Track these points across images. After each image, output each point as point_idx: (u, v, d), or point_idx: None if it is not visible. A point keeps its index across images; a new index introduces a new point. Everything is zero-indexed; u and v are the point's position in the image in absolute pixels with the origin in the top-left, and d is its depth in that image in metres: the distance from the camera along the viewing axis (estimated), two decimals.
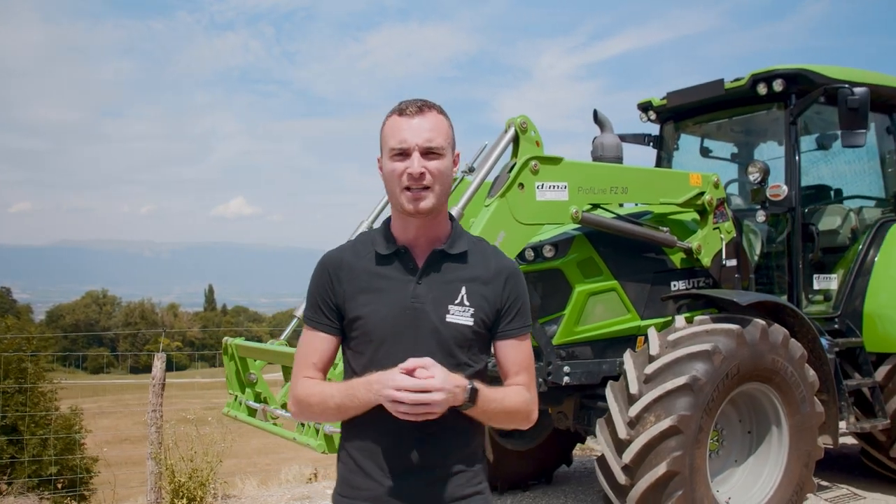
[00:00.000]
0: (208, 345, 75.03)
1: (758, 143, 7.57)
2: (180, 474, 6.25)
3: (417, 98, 2.20)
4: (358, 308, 2.16)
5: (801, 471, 5.18)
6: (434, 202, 2.12)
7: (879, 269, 6.45)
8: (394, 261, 2.19)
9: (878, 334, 6.27)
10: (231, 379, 5.20)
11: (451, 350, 2.13)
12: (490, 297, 2.18)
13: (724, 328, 4.91)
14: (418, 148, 2.10)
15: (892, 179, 7.12)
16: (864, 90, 5.74)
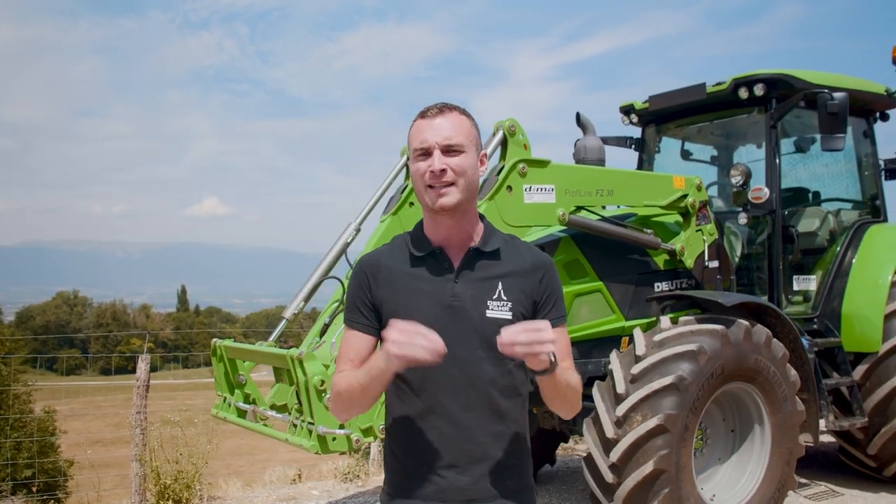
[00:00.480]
0: (181, 346, 74.48)
1: (737, 146, 7.69)
2: (166, 476, 6.24)
3: (440, 101, 2.27)
4: (397, 309, 2.20)
5: (782, 468, 5.28)
6: (459, 198, 2.16)
7: (857, 270, 6.58)
8: (429, 261, 2.24)
9: (856, 334, 6.39)
10: (220, 380, 5.20)
11: (493, 345, 2.12)
12: (527, 290, 2.23)
13: (709, 329, 5.00)
14: (438, 146, 2.16)
15: (869, 182, 7.27)
16: (844, 95, 5.86)
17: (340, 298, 5.45)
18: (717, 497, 5.15)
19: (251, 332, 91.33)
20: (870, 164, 7.26)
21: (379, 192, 5.79)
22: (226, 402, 5.16)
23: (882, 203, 7.24)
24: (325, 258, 5.60)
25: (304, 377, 4.16)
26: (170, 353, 60.86)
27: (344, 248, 5.61)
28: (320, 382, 4.12)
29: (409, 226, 5.44)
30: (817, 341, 6.24)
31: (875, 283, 6.43)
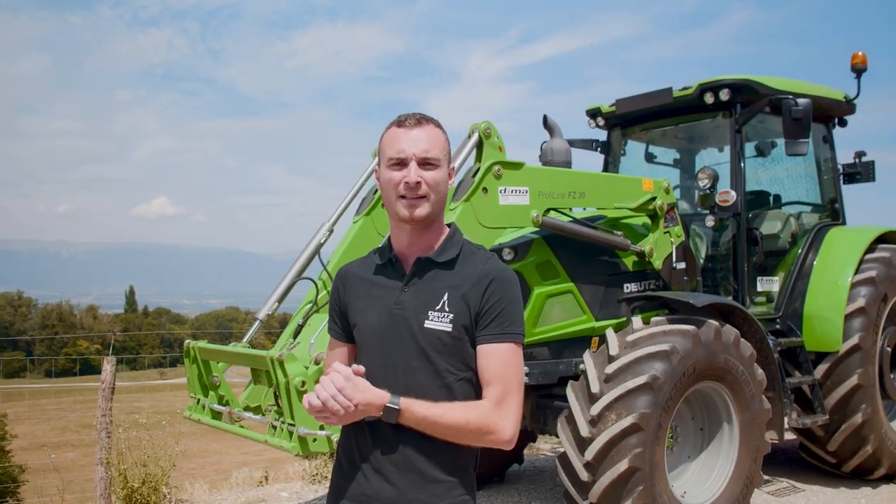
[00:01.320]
0: (129, 347, 73.27)
1: (699, 149, 7.85)
2: (133, 479, 6.15)
3: (416, 112, 2.28)
4: (355, 315, 2.30)
5: (750, 465, 5.39)
6: (429, 210, 2.18)
7: (818, 272, 6.74)
8: (387, 269, 2.29)
9: (817, 334, 6.55)
10: (193, 382, 5.14)
11: (428, 356, 2.15)
12: (471, 301, 2.16)
13: (681, 329, 5.09)
14: (415, 158, 2.17)
15: (828, 186, 7.46)
16: (807, 101, 6.01)
17: (314, 299, 5.44)
18: (688, 494, 5.24)
19: (201, 332, 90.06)
20: (829, 169, 7.46)
21: (352, 192, 5.79)
22: (199, 404, 5.11)
23: (841, 206, 7.44)
24: (298, 259, 5.59)
25: (284, 378, 4.14)
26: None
27: (317, 249, 5.60)
28: (301, 383, 4.10)
29: (381, 226, 5.67)
30: (780, 341, 6.39)
31: (835, 285, 6.60)
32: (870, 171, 7.44)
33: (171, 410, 8.43)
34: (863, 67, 6.94)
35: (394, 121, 2.26)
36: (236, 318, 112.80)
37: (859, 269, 6.65)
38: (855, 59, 6.95)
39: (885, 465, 6.57)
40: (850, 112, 7.41)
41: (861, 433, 6.37)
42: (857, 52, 6.93)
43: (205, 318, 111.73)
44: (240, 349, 4.98)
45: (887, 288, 6.70)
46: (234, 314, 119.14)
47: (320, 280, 5.52)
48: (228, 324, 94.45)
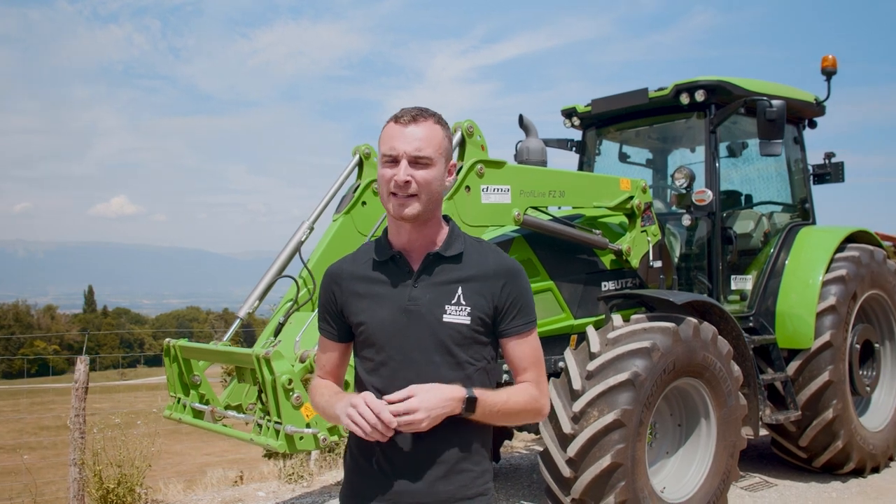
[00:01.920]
0: (88, 348, 72.15)
1: (672, 149, 7.94)
2: (108, 480, 6.08)
3: (417, 106, 2.24)
4: (358, 314, 2.26)
5: (727, 460, 5.47)
6: (419, 210, 2.17)
7: (790, 270, 6.86)
8: (390, 266, 2.26)
9: (789, 331, 6.66)
10: (173, 381, 5.09)
11: (449, 349, 2.18)
12: (487, 295, 2.21)
13: (661, 326, 5.15)
14: (406, 156, 2.15)
15: (799, 186, 7.60)
16: (782, 103, 6.11)
17: (294, 297, 5.43)
18: (667, 489, 5.31)
19: (161, 332, 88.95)
20: (800, 170, 7.59)
21: (332, 190, 5.79)
22: (180, 403, 5.06)
23: (811, 206, 7.58)
24: (278, 257, 5.56)
25: (271, 376, 4.13)
26: (78, 356, 58.91)
27: (297, 247, 5.58)
28: (288, 381, 4.09)
29: (361, 225, 5.69)
30: (753, 338, 6.48)
31: (807, 283, 6.72)
32: (839, 172, 7.59)
33: (133, 411, 8.36)
34: (833, 70, 7.06)
35: (392, 116, 2.23)
36: (197, 317, 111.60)
37: (830, 268, 6.77)
38: (825, 62, 7.08)
39: (855, 460, 6.70)
40: (820, 114, 7.56)
41: (832, 428, 6.50)
42: (827, 56, 7.06)
43: (165, 318, 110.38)
44: (224, 347, 4.95)
45: (857, 286, 6.84)
46: (194, 314, 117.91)
47: (301, 278, 5.50)
48: (189, 324, 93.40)
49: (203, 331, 56.77)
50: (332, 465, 7.78)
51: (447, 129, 2.25)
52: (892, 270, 7.41)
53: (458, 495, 2.19)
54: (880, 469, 7.09)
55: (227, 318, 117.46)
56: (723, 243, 6.68)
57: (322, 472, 7.39)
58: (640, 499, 4.87)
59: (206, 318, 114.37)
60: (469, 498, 2.20)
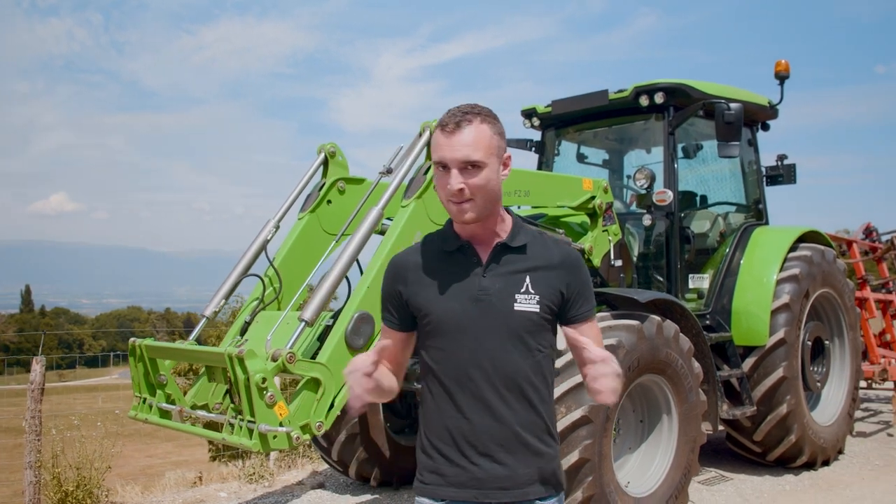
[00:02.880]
0: (24, 349, 70.24)
1: (628, 150, 8.08)
2: (67, 483, 5.97)
3: (462, 107, 2.23)
4: (427, 304, 2.29)
5: (688, 455, 5.60)
6: (477, 213, 2.21)
7: (745, 269, 7.02)
8: (458, 256, 2.31)
9: (745, 329, 6.82)
10: (139, 381, 5.03)
11: (521, 337, 2.24)
12: (555, 284, 2.29)
13: (626, 324, 5.25)
14: (456, 164, 2.17)
15: (753, 187, 7.79)
16: (739, 106, 6.27)
17: (260, 296, 5.40)
18: (631, 483, 5.40)
19: (101, 333, 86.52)
20: (753, 171, 7.78)
21: (297, 189, 5.78)
22: (146, 404, 5.00)
23: (764, 207, 7.78)
24: (244, 255, 5.54)
25: (244, 375, 4.11)
26: (13, 357, 57.50)
27: (263, 246, 5.57)
28: (262, 380, 4.07)
29: (326, 223, 5.69)
30: (710, 336, 6.63)
31: (761, 282, 6.89)
32: (791, 174, 7.79)
33: (72, 413, 8.20)
34: (786, 75, 7.25)
35: (439, 122, 2.23)
36: (138, 317, 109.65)
37: (783, 268, 6.95)
38: (778, 67, 7.26)
39: (807, 454, 6.90)
40: (774, 117, 7.75)
41: (786, 423, 6.67)
42: (781, 60, 7.24)
43: (105, 318, 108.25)
44: (194, 347, 4.91)
45: (809, 285, 7.04)
46: (136, 314, 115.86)
47: (266, 277, 5.48)
48: (130, 324, 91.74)
49: (144, 330, 55.76)
50: (292, 465, 7.74)
51: (495, 124, 2.25)
52: (841, 270, 7.65)
53: (535, 477, 2.25)
54: (830, 462, 7.31)
55: (169, 317, 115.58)
56: (681, 243, 6.82)
57: (282, 472, 7.35)
58: (606, 493, 4.96)
59: (148, 318, 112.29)
60: (545, 480, 2.27)
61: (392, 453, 6.51)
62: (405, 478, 6.72)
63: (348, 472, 6.51)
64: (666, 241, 6.84)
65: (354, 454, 6.40)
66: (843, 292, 7.64)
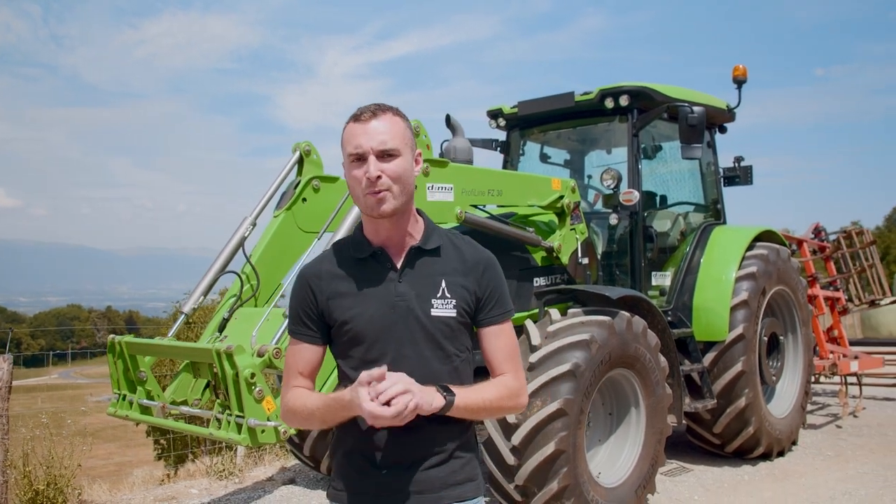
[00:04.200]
0: None
1: (589, 151, 8.28)
2: (38, 481, 5.93)
3: (373, 103, 2.26)
4: (343, 313, 2.24)
5: (655, 446, 5.79)
6: (395, 203, 2.18)
7: (705, 267, 7.26)
8: (371, 263, 2.27)
9: (705, 325, 7.05)
10: (118, 378, 5.04)
11: (439, 343, 2.23)
12: (469, 287, 2.26)
13: (598, 320, 5.42)
14: (373, 151, 2.15)
15: (711, 188, 8.04)
16: (702, 109, 6.50)
17: (238, 293, 5.44)
18: (602, 474, 5.58)
19: (39, 331, 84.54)
20: (711, 172, 8.04)
21: (273, 187, 5.83)
22: (126, 401, 5.01)
23: (722, 207, 8.04)
24: (221, 252, 5.58)
25: (232, 370, 4.16)
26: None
27: (241, 243, 5.61)
28: (251, 375, 4.14)
29: (301, 221, 5.78)
30: (673, 332, 6.84)
31: (721, 280, 7.13)
32: (748, 175, 8.06)
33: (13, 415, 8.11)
34: (743, 79, 7.49)
35: (351, 116, 2.24)
36: (79, 316, 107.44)
37: (741, 266, 7.20)
38: (736, 72, 7.49)
39: (764, 445, 7.16)
40: (731, 120, 8.01)
41: (744, 416, 6.92)
42: (738, 65, 7.48)
43: (44, 317, 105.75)
44: (176, 343, 4.94)
45: (765, 282, 7.31)
46: (76, 312, 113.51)
47: (244, 274, 5.52)
48: (70, 322, 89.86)
49: (85, 329, 54.53)
50: (259, 461, 7.77)
51: (407, 121, 2.28)
52: (795, 268, 7.95)
53: (450, 480, 2.24)
54: (785, 453, 7.60)
55: (111, 315, 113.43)
56: (644, 241, 7.03)
57: (250, 469, 7.38)
58: (580, 483, 5.12)
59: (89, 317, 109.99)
60: (459, 483, 2.26)
61: None
62: None
63: (320, 467, 6.58)
64: (630, 240, 7.04)
65: (326, 450, 6.47)
66: (797, 289, 7.94)
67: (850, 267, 10.83)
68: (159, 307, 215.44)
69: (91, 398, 31.54)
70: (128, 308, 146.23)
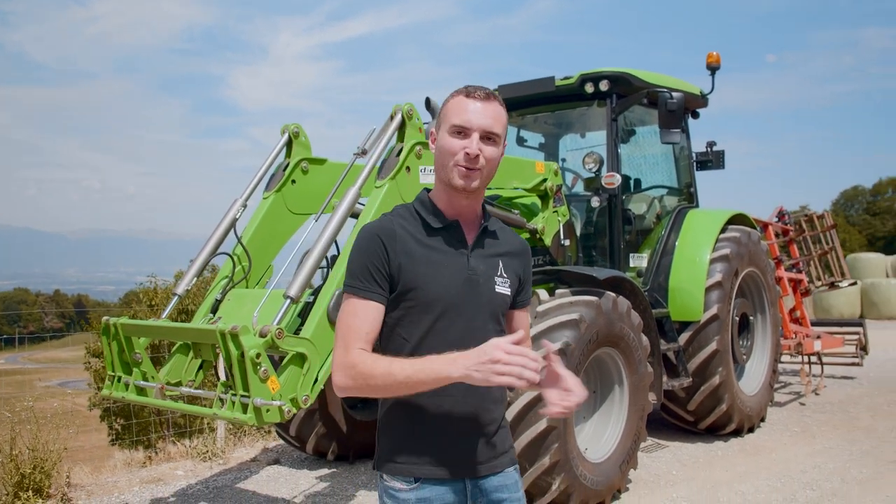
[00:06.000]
0: None
1: (563, 134, 8.42)
2: (24, 465, 5.90)
3: (480, 85, 2.31)
4: (416, 279, 2.23)
5: (637, 423, 5.97)
6: (480, 183, 2.24)
7: (680, 250, 7.45)
8: (444, 234, 2.29)
9: (680, 305, 7.25)
10: (113, 360, 5.04)
11: (498, 318, 2.33)
12: (518, 270, 2.40)
13: (586, 300, 5.56)
14: (480, 130, 2.20)
15: (684, 172, 8.24)
16: (681, 95, 6.66)
17: (230, 274, 5.47)
18: (589, 450, 5.73)
19: None
20: (685, 156, 8.23)
21: (263, 168, 5.86)
22: (121, 382, 5.02)
23: (695, 190, 8.24)
24: (213, 234, 5.60)
25: (237, 350, 4.21)
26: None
27: (232, 224, 5.64)
28: (256, 355, 4.18)
29: (291, 203, 5.82)
30: None
31: (695, 261, 7.33)
32: (720, 160, 8.27)
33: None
34: (716, 66, 7.68)
35: (461, 89, 2.27)
36: (26, 300, 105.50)
37: (715, 248, 7.41)
38: (710, 59, 7.68)
39: (735, 421, 7.40)
40: (704, 105, 8.20)
41: (718, 393, 7.14)
42: (712, 52, 7.66)
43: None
44: (177, 324, 4.97)
45: (738, 264, 7.53)
46: (23, 296, 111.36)
47: (235, 255, 5.55)
48: (17, 306, 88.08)
49: (33, 313, 53.46)
50: (238, 442, 7.80)
51: (507, 111, 2.33)
52: (765, 250, 8.19)
53: (501, 448, 2.34)
54: (755, 429, 7.87)
55: (59, 299, 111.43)
56: (623, 224, 7.19)
57: (232, 450, 7.41)
58: (570, 459, 5.27)
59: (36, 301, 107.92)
60: (506, 451, 2.36)
61: (349, 428, 6.68)
62: (361, 452, 6.90)
63: (305, 447, 6.65)
64: (609, 222, 7.19)
65: (313, 430, 6.54)
66: (766, 271, 8.19)
67: (811, 250, 11.16)
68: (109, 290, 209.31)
69: (40, 383, 31.04)
70: (76, 291, 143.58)
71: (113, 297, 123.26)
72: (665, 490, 6.05)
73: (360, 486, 6.19)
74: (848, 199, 63.04)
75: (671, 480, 6.29)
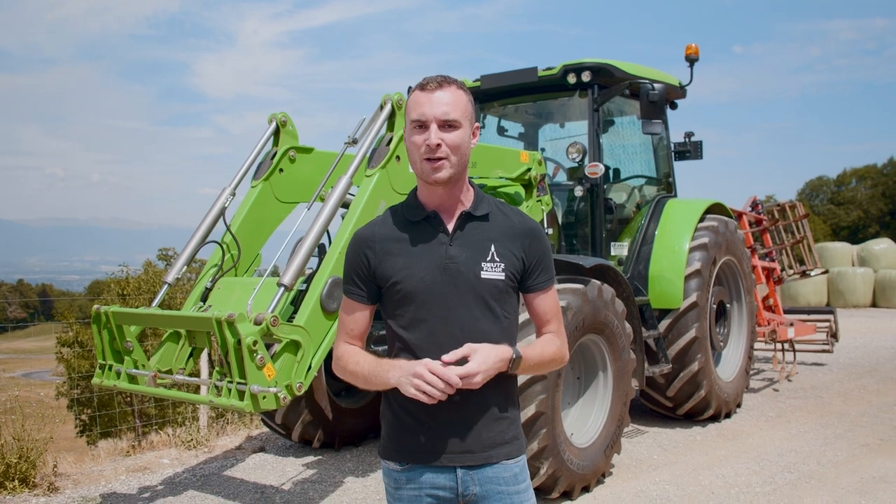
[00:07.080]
0: None
1: (543, 124, 8.50)
2: (10, 455, 5.89)
3: (440, 74, 2.35)
4: (395, 273, 2.34)
5: (620, 408, 6.08)
6: (451, 172, 2.29)
7: (659, 238, 7.57)
8: (424, 226, 2.37)
9: (660, 293, 7.37)
10: (104, 348, 5.05)
11: (488, 304, 2.33)
12: (517, 253, 2.37)
13: (572, 287, 5.65)
14: (436, 120, 2.25)
15: (663, 162, 8.36)
16: (663, 86, 6.77)
17: (219, 262, 5.49)
18: (574, 434, 5.84)
19: None
20: (664, 147, 8.35)
21: (251, 157, 5.87)
22: (112, 371, 5.03)
23: (673, 180, 8.37)
24: (202, 223, 5.62)
25: (234, 338, 4.24)
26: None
27: (221, 213, 5.66)
28: (253, 343, 4.22)
29: (279, 191, 5.86)
30: None
31: (674, 250, 7.45)
32: (698, 150, 8.39)
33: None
34: (695, 57, 7.79)
35: (417, 84, 2.33)
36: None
37: (694, 237, 7.54)
38: (688, 50, 7.79)
39: (713, 407, 7.55)
40: (682, 96, 8.32)
41: (696, 380, 7.29)
42: (691, 44, 7.77)
43: None
44: (155, 311, 4.98)
45: (716, 253, 7.67)
46: None
47: (224, 243, 5.57)
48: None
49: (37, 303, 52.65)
50: (222, 431, 7.81)
51: (469, 94, 2.35)
52: (741, 239, 8.35)
53: (499, 440, 2.36)
54: (731, 415, 8.04)
55: (23, 289, 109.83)
56: (604, 213, 7.29)
57: (216, 438, 7.43)
58: (557, 443, 5.37)
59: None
60: (507, 442, 2.38)
61: (334, 415, 6.72)
62: (346, 439, 6.96)
63: (291, 435, 6.69)
64: (591, 211, 7.29)
65: (299, 417, 6.57)
66: (743, 260, 8.35)
67: (783, 239, 11.37)
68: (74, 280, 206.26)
69: (4, 374, 30.67)
70: (40, 281, 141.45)
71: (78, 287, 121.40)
72: (648, 474, 6.17)
73: (346, 472, 6.25)
74: (813, 189, 64.02)
75: (653, 465, 6.42)
